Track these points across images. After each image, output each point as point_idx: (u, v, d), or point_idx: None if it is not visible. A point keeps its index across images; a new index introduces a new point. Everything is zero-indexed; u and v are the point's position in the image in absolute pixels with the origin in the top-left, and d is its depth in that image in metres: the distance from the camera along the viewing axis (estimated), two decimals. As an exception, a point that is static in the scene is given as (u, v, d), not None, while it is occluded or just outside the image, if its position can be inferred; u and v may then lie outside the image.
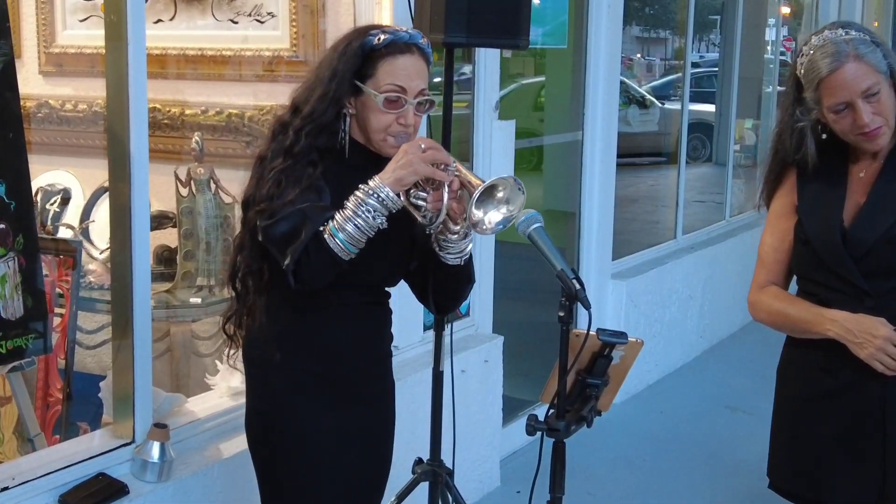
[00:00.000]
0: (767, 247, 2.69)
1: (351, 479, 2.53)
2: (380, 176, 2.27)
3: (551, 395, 2.33)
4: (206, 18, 4.27)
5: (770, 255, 2.69)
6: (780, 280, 2.69)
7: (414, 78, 2.39)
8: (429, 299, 2.58)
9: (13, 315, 2.83)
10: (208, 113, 4.28)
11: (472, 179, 2.27)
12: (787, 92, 2.61)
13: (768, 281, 2.69)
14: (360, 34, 2.42)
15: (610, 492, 4.73)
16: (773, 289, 2.68)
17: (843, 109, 2.45)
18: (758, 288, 2.71)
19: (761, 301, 2.69)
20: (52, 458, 2.94)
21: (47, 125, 4.54)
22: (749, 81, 8.58)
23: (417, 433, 3.63)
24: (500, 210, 2.25)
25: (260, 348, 2.49)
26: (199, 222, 4.02)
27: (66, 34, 4.54)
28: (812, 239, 2.55)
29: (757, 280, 2.72)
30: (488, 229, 2.26)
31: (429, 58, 2.46)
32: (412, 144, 2.30)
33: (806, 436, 2.63)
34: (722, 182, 8.18)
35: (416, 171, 2.26)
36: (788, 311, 2.61)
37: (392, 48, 2.38)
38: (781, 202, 2.66)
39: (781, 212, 2.65)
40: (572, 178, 5.88)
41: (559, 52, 5.90)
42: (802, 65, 2.50)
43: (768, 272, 2.69)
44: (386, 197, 2.25)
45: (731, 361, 6.81)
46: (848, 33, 2.44)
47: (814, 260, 2.56)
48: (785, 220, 2.64)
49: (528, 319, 6.03)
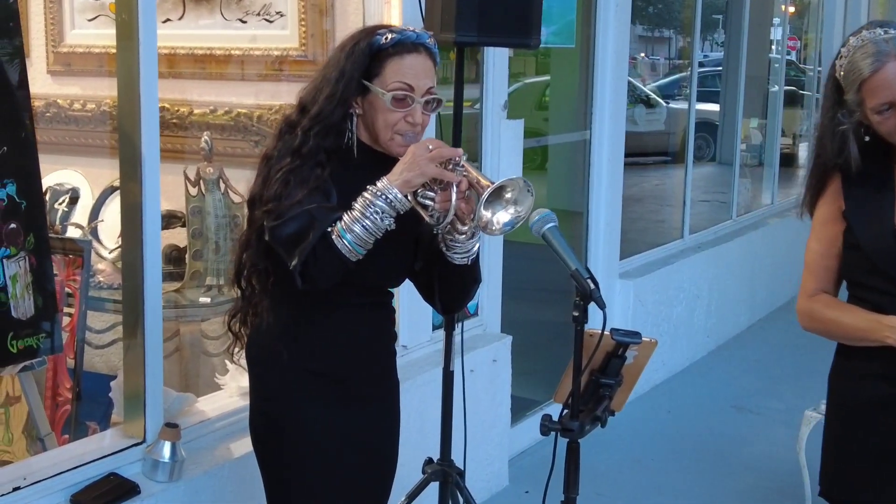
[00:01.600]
0: (815, 254, 2.61)
1: (355, 478, 2.53)
2: (388, 177, 2.27)
3: (565, 394, 2.32)
4: (214, 18, 4.27)
5: (818, 263, 2.60)
6: (830, 287, 2.61)
7: (421, 77, 2.39)
8: (435, 299, 2.57)
9: (24, 314, 2.83)
10: (217, 112, 4.28)
11: (480, 180, 2.26)
12: (827, 95, 2.55)
13: (817, 289, 2.61)
14: (367, 34, 2.42)
15: (618, 491, 4.72)
16: (823, 297, 2.60)
17: (887, 110, 2.40)
18: (807, 296, 2.62)
19: (813, 310, 2.61)
20: (64, 457, 2.94)
21: (55, 125, 4.54)
22: (754, 80, 8.57)
23: (427, 433, 3.63)
24: (509, 211, 2.24)
25: (263, 347, 2.49)
26: (208, 222, 4.02)
27: (75, 33, 4.54)
28: (863, 243, 2.48)
29: (806, 288, 2.63)
30: (496, 230, 2.25)
31: (436, 57, 2.45)
32: (420, 146, 2.29)
33: (862, 445, 2.56)
34: (726, 181, 8.17)
35: (423, 172, 2.25)
36: (842, 319, 2.54)
37: (399, 47, 2.38)
38: (827, 208, 2.58)
39: (827, 218, 2.58)
40: (578, 177, 5.88)
41: (565, 52, 5.89)
42: (842, 66, 2.45)
43: (817, 280, 2.61)
44: (394, 198, 2.25)
45: (738, 361, 6.80)
46: (887, 32, 2.39)
47: (865, 265, 2.49)
48: (831, 226, 2.57)
49: (537, 319, 6.04)
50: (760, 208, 8.57)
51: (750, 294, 7.55)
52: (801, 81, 11.24)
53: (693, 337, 6.71)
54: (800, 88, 11.01)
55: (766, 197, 8.79)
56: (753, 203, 8.69)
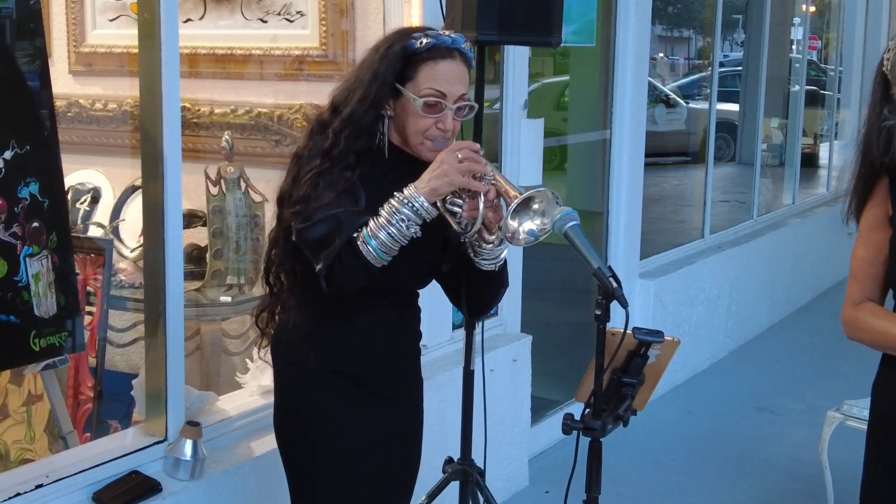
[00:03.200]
0: (861, 261, 2.52)
1: (379, 477, 2.53)
2: (415, 185, 2.26)
3: (587, 393, 2.31)
4: (235, 17, 4.28)
5: (864, 270, 2.51)
6: (876, 296, 2.52)
7: (454, 83, 2.37)
8: (462, 303, 2.57)
9: (46, 313, 2.84)
10: (237, 112, 4.29)
11: (509, 190, 2.24)
12: (874, 90, 2.46)
13: (863, 297, 2.51)
14: (402, 36, 2.40)
15: (638, 492, 4.71)
16: (869, 305, 2.50)
17: None
18: (853, 305, 2.52)
19: (859, 319, 2.50)
20: (86, 455, 2.95)
21: (77, 124, 4.56)
22: (774, 80, 8.54)
23: (447, 432, 3.62)
24: (535, 222, 2.22)
25: (289, 345, 2.50)
26: (229, 221, 4.03)
27: (96, 33, 4.56)
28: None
29: (851, 296, 2.54)
30: (521, 240, 2.23)
31: (470, 62, 2.43)
32: (448, 153, 2.27)
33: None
34: (745, 181, 8.14)
35: (451, 181, 2.24)
36: (890, 329, 2.44)
37: (434, 52, 2.35)
38: (874, 213, 2.48)
39: (874, 223, 2.48)
40: (597, 177, 5.86)
41: (585, 51, 5.87)
42: (889, 60, 2.38)
43: (863, 288, 2.51)
44: (420, 206, 2.24)
45: (759, 362, 6.77)
46: None
47: None
48: (878, 232, 2.47)
49: (556, 319, 6.02)
50: (781, 208, 8.54)
51: (771, 294, 7.51)
52: (822, 81, 11.18)
53: (714, 337, 6.69)
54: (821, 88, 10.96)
55: (787, 197, 8.76)
56: (774, 203, 8.65)
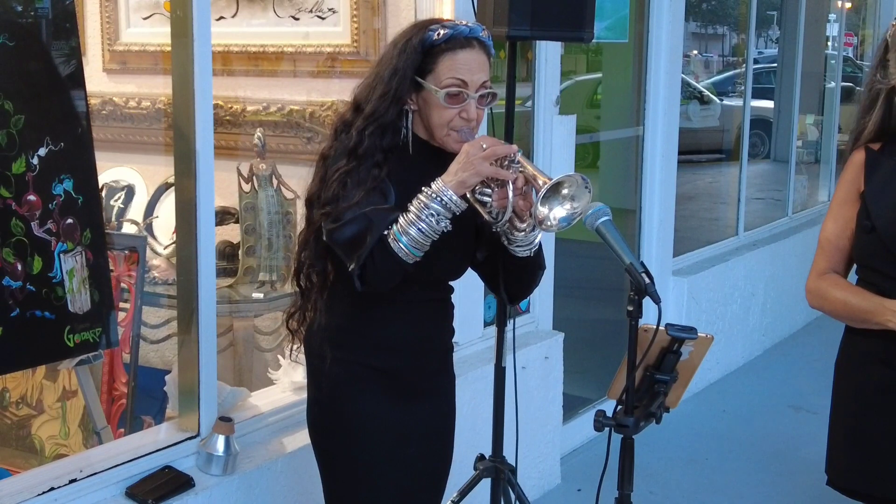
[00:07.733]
0: (829, 234, 2.66)
1: (411, 473, 2.53)
2: (442, 178, 2.26)
3: (619, 390, 2.30)
4: (267, 15, 4.29)
5: (831, 243, 2.65)
6: (841, 268, 2.66)
7: (475, 71, 2.37)
8: (500, 289, 2.56)
9: (80, 309, 2.85)
10: (269, 109, 4.30)
11: (537, 176, 2.24)
12: (876, 55, 2.61)
13: (828, 268, 2.65)
14: (419, 29, 2.41)
15: (671, 490, 4.68)
16: (832, 276, 2.64)
17: None
18: (817, 275, 2.67)
19: (820, 288, 2.65)
20: (119, 450, 2.97)
21: (111, 122, 4.59)
22: (810, 77, 8.45)
23: (479, 429, 3.62)
24: (565, 206, 2.21)
25: (322, 341, 2.50)
26: (261, 218, 4.04)
27: (130, 32, 4.59)
28: (878, 226, 2.51)
29: (816, 267, 2.69)
30: (553, 226, 2.22)
31: (490, 50, 2.43)
32: (474, 145, 2.28)
33: (865, 430, 2.58)
34: (780, 179, 8.07)
35: (478, 171, 2.24)
36: (848, 299, 2.57)
37: (452, 43, 2.36)
38: (846, 188, 2.62)
39: (845, 198, 2.62)
40: (631, 174, 5.83)
41: (618, 47, 5.84)
42: (894, 25, 2.52)
43: (829, 260, 2.66)
44: (449, 200, 2.24)
45: (795, 360, 6.70)
46: None
47: (878, 249, 2.52)
48: (848, 208, 2.61)
49: (588, 317, 5.99)
50: (817, 205, 8.45)
51: (805, 293, 7.43)
52: (857, 78, 11.07)
53: (748, 335, 6.63)
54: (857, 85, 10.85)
55: (823, 194, 8.67)
56: (810, 200, 8.57)
